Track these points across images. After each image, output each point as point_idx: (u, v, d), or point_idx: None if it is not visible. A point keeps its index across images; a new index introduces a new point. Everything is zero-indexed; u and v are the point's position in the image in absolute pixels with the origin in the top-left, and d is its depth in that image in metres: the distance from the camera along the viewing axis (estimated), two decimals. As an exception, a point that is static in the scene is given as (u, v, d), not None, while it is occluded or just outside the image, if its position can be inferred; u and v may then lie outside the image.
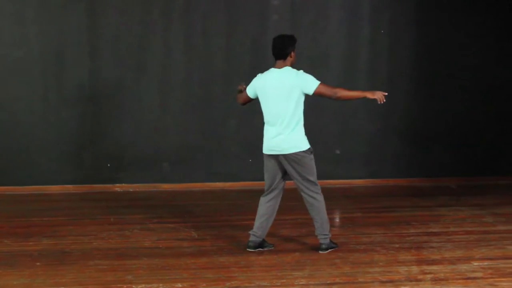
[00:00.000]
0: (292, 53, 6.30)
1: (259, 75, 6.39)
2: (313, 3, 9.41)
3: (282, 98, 6.22)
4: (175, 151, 9.30)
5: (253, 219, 7.60)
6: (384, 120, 9.65)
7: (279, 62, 6.31)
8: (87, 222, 7.52)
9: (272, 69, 6.34)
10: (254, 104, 9.27)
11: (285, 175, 6.45)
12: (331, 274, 5.84)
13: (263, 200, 6.51)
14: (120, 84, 9.11)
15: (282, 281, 5.65)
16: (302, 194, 6.45)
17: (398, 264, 6.10)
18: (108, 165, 9.13)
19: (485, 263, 6.14)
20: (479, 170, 9.84)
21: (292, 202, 8.48)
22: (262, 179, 9.26)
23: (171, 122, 9.25)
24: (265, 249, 6.44)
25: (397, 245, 6.63)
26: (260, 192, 9.03)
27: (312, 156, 6.33)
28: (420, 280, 5.70)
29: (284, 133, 6.24)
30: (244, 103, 6.65)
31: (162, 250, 6.49)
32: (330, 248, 6.43)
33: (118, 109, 9.14)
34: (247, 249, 6.44)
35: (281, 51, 6.27)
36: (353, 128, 9.62)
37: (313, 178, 6.38)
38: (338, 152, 9.57)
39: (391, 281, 5.67)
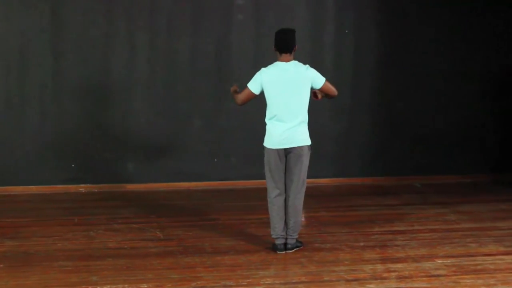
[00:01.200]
0: (295, 47, 6.36)
1: (265, 70, 6.36)
2: (278, 3, 9.42)
3: (297, 91, 6.26)
4: (140, 151, 9.24)
5: (218, 219, 7.63)
6: (349, 119, 9.69)
7: (285, 55, 6.34)
8: (51, 223, 7.45)
9: (279, 63, 6.35)
10: (219, 104, 9.32)
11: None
12: (297, 273, 5.86)
13: (276, 199, 6.38)
14: (83, 84, 9.03)
15: (248, 280, 5.65)
16: (291, 193, 6.39)
17: (363, 263, 6.14)
18: (72, 165, 9.05)
19: (449, 261, 6.22)
20: (442, 168, 9.93)
21: (256, 201, 8.50)
22: (227, 178, 9.40)
23: (136, 122, 9.20)
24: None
25: (362, 244, 6.68)
26: (226, 192, 9.09)
27: (309, 154, 6.41)
28: (385, 278, 5.75)
29: (297, 125, 6.29)
30: (245, 102, 6.54)
31: (127, 251, 6.45)
32: (296, 248, 6.45)
33: (81, 109, 9.05)
34: (280, 252, 6.33)
35: (289, 45, 6.33)
36: (318, 127, 9.59)
37: (305, 177, 6.44)
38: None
39: (356, 280, 5.70)
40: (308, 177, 9.51)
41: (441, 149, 9.95)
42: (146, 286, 5.48)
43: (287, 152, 6.33)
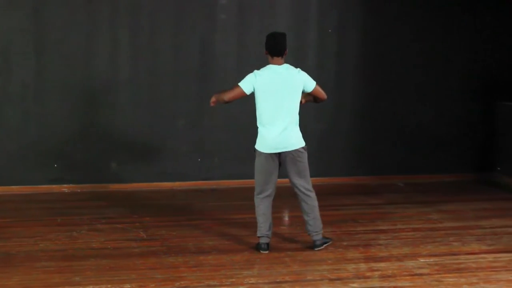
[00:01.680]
0: (286, 50, 6.43)
1: (259, 73, 6.36)
2: (261, 2, 9.42)
3: (290, 94, 6.30)
4: (123, 151, 9.21)
5: (202, 219, 7.62)
6: (332, 118, 9.71)
7: (277, 59, 6.39)
8: (33, 224, 7.41)
9: (271, 66, 6.38)
10: (202, 103, 9.29)
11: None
12: (280, 272, 5.86)
13: (264, 199, 6.46)
14: (66, 84, 8.99)
15: (232, 280, 5.65)
16: (298, 192, 6.49)
17: (346, 262, 6.16)
18: (55, 165, 9.01)
19: (431, 260, 6.24)
20: (425, 168, 9.98)
21: (240, 201, 8.51)
22: (210, 178, 9.39)
23: (119, 122, 9.17)
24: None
25: (345, 243, 6.69)
26: (209, 192, 9.08)
27: (306, 153, 6.45)
28: (368, 277, 5.77)
29: (290, 128, 6.33)
30: (232, 100, 6.51)
31: (110, 251, 6.43)
32: (325, 243, 6.49)
33: (64, 109, 9.01)
34: (263, 252, 6.38)
35: (282, 48, 6.37)
36: (301, 127, 9.61)
37: (308, 175, 6.49)
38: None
39: (339, 279, 5.72)
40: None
41: (423, 148, 9.99)
42: (129, 286, 5.47)
43: (282, 156, 6.37)
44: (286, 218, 7.95)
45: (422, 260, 6.23)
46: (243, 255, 6.33)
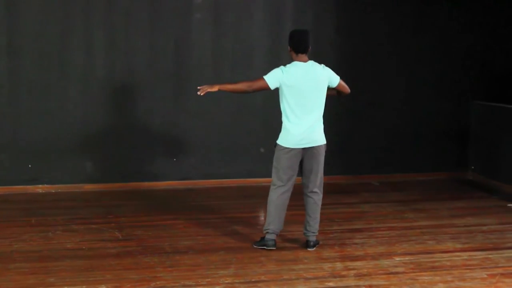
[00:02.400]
0: (310, 47, 6.50)
1: (286, 69, 6.38)
2: (236, 2, 9.42)
3: (317, 90, 6.39)
4: (99, 151, 9.16)
5: (178, 219, 7.60)
6: (308, 118, 9.72)
7: (303, 56, 6.45)
8: (7, 225, 7.34)
9: (297, 63, 6.42)
10: (178, 103, 9.28)
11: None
12: (256, 272, 5.87)
13: (283, 195, 6.51)
14: (40, 83, 8.92)
15: (208, 280, 5.65)
16: (307, 190, 6.54)
17: (322, 261, 6.18)
18: (29, 165, 8.94)
19: (407, 258, 6.28)
20: (400, 167, 10.03)
21: (216, 201, 8.51)
22: (187, 178, 9.37)
23: (94, 122, 9.11)
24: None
25: (321, 242, 6.71)
26: (185, 191, 9.06)
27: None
28: (344, 276, 5.79)
29: (316, 125, 6.43)
30: (255, 91, 6.54)
31: (85, 251, 6.40)
32: (317, 245, 6.55)
33: (39, 109, 8.94)
34: (270, 248, 6.44)
35: (307, 45, 6.44)
36: (277, 127, 9.62)
37: (323, 173, 6.59)
38: (262, 150, 9.60)
39: (315, 278, 5.74)
40: (267, 176, 9.57)
41: (399, 148, 10.04)
42: (104, 287, 5.45)
43: (304, 151, 6.42)
44: (262, 218, 7.96)
45: (397, 259, 6.26)
46: (219, 254, 6.33)
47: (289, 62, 6.52)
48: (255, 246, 6.55)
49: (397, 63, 9.94)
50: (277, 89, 6.44)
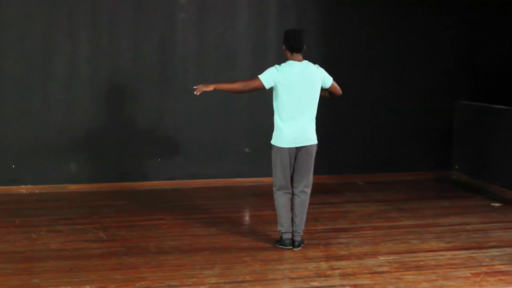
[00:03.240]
0: (304, 47, 6.51)
1: (281, 68, 6.39)
2: (221, 2, 9.41)
3: (310, 90, 6.42)
4: (83, 151, 9.13)
5: (163, 219, 7.59)
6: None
7: (297, 55, 6.46)
8: (-9, 225, 7.32)
9: (292, 62, 6.43)
10: (163, 103, 9.26)
11: None
12: (241, 272, 5.86)
13: (284, 195, 6.56)
14: (25, 84, 8.88)
15: (193, 280, 5.64)
16: (297, 190, 6.58)
17: (307, 261, 6.19)
18: (13, 166, 8.90)
19: (391, 258, 6.30)
20: (384, 166, 10.06)
21: (201, 201, 8.50)
22: (172, 178, 9.35)
23: (79, 122, 9.08)
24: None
25: (305, 242, 6.71)
26: (170, 192, 9.05)
27: None
28: (328, 276, 5.80)
29: (309, 124, 6.48)
30: (250, 91, 6.54)
31: (69, 252, 6.38)
32: (302, 244, 6.58)
33: (23, 109, 8.90)
34: (286, 248, 6.49)
35: (302, 44, 6.45)
36: (261, 126, 9.65)
37: (312, 172, 6.63)
38: (247, 150, 9.61)
39: (300, 278, 5.74)
40: (251, 176, 9.65)
41: (383, 147, 10.07)
42: (89, 288, 5.44)
43: (297, 150, 6.46)
44: (247, 218, 7.96)
45: (382, 258, 6.28)
46: (204, 255, 6.32)
47: (274, 62, 6.52)
48: (277, 245, 6.59)
49: (381, 64, 9.96)
50: (266, 90, 6.43)
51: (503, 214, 7.99)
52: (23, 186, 8.93)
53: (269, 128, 9.57)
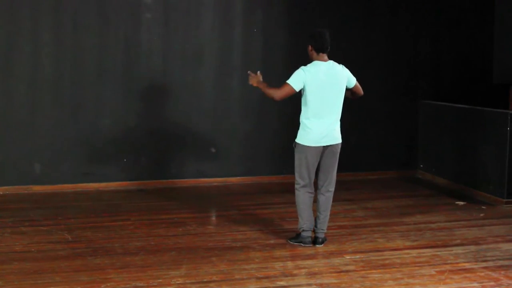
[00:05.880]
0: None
1: (307, 69, 6.44)
2: (186, 2, 9.38)
3: (337, 89, 6.49)
4: (47, 152, 9.05)
5: (128, 219, 7.55)
6: (258, 118, 9.74)
7: (323, 55, 6.54)
8: (-46, 227, 7.22)
9: (319, 62, 6.50)
10: (128, 103, 9.21)
11: None
12: (208, 272, 5.86)
13: (308, 193, 6.62)
14: (-13, 83, 8.80)
15: (159, 280, 5.62)
16: (326, 189, 6.67)
17: (273, 260, 6.20)
18: (-24, 167, 8.81)
19: (357, 256, 6.33)
20: (349, 165, 10.08)
21: (166, 201, 8.47)
22: (136, 179, 9.31)
23: (42, 122, 8.99)
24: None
25: (272, 241, 6.73)
26: (135, 192, 9.00)
27: None
28: (295, 275, 5.82)
29: (336, 123, 6.58)
30: (284, 98, 6.55)
31: (34, 254, 6.31)
32: (325, 241, 6.68)
33: (-15, 109, 8.82)
34: (306, 245, 6.58)
35: (328, 44, 6.52)
36: (227, 126, 9.68)
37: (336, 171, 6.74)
38: (213, 150, 9.60)
39: (267, 277, 5.75)
40: (218, 176, 9.66)
41: (348, 147, 10.06)
42: (54, 290, 5.39)
43: (324, 149, 6.54)
44: (213, 218, 7.95)
45: (348, 257, 6.31)
46: (170, 255, 6.30)
47: (239, 61, 6.52)
48: (290, 242, 6.66)
49: (344, 63, 9.94)
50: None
51: (467, 213, 8.08)
52: (-14, 187, 8.84)
53: (233, 128, 9.66)
